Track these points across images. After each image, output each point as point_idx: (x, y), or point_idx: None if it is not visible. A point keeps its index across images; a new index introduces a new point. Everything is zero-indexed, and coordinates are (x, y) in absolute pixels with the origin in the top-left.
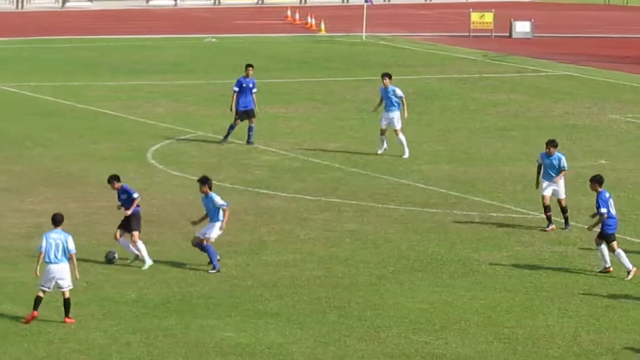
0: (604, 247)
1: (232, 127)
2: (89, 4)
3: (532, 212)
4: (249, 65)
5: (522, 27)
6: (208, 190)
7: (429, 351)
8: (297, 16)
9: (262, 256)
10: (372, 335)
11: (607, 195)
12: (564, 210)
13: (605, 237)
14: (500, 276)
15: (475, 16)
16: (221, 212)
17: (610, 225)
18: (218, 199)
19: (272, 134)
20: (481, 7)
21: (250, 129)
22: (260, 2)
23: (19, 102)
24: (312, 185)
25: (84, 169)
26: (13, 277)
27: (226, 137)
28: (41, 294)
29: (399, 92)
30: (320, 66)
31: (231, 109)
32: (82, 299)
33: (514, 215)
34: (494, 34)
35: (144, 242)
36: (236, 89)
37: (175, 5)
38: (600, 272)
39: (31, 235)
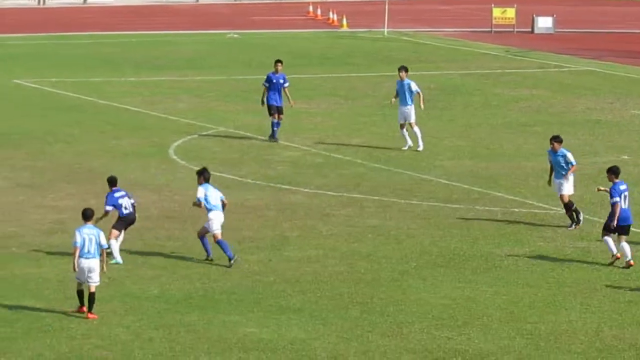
0: (608, 238)
1: (273, 124)
2: (110, 0)
3: (555, 208)
4: (278, 61)
5: (544, 23)
6: (202, 182)
7: (452, 347)
8: (318, 12)
9: (284, 252)
10: (394, 330)
11: (623, 187)
12: (568, 206)
13: (614, 227)
14: (523, 272)
15: (497, 12)
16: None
17: (623, 217)
18: (197, 193)
19: (294, 130)
20: (503, 3)
21: (276, 124)
22: None
23: (40, 98)
24: (334, 181)
25: (105, 165)
26: (35, 273)
27: (273, 135)
28: (81, 287)
29: (414, 86)
30: (342, 62)
31: (262, 103)
32: (104, 295)
33: (536, 211)
34: (516, 30)
35: (167, 238)
36: (266, 84)
37: (197, 1)
38: (610, 263)
39: (53, 232)
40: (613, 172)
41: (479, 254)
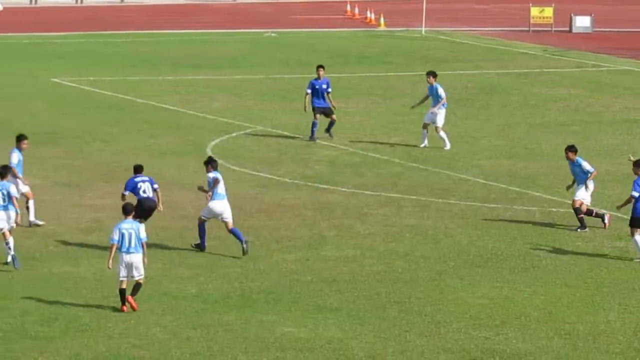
0: (637, 237)
1: (314, 124)
2: None
3: (592, 208)
4: (319, 67)
5: (582, 22)
6: (210, 170)
7: (489, 347)
8: (356, 11)
9: (321, 251)
10: (432, 330)
11: None
12: (578, 211)
13: (632, 220)
14: (561, 272)
15: (535, 11)
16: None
17: (637, 209)
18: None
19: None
20: (541, 2)
21: (330, 123)
22: None
23: (78, 96)
24: (371, 180)
25: (143, 163)
26: (73, 271)
27: (312, 135)
28: (123, 285)
29: (440, 91)
30: (379, 61)
31: (305, 110)
32: (142, 294)
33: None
34: (553, 29)
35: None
36: (308, 91)
37: (235, 0)
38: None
39: (91, 230)
40: (638, 165)
41: (516, 254)
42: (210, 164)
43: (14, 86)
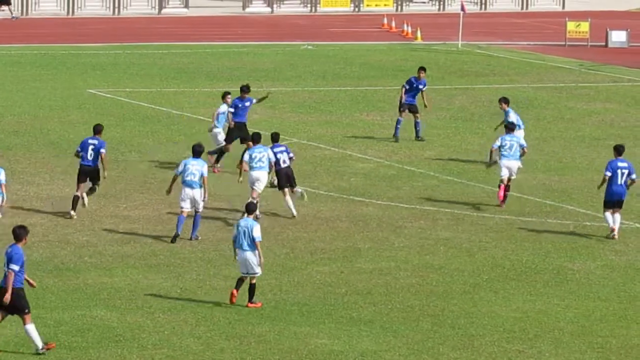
0: (606, 213)
1: (398, 122)
2: (185, 10)
3: (626, 222)
4: (421, 69)
5: (618, 37)
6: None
7: None
8: (393, 24)
9: (355, 264)
10: (465, 343)
11: (622, 164)
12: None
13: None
14: (595, 285)
15: (571, 25)
16: None
17: (613, 192)
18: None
19: (367, 142)
20: (577, 17)
21: (416, 124)
22: (356, 9)
23: (115, 107)
24: (406, 193)
25: None
26: (107, 282)
27: (395, 133)
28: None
29: (512, 116)
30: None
31: (400, 103)
32: (176, 305)
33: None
34: (589, 43)
35: None
36: (407, 86)
37: (272, 12)
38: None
39: (126, 241)
40: (615, 149)
41: (550, 267)
42: (192, 148)
43: (51, 97)
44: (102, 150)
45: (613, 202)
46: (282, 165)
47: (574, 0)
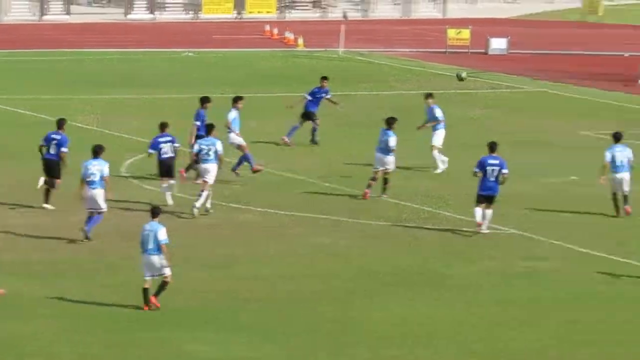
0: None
1: (295, 127)
2: (67, 17)
3: (503, 228)
4: (323, 78)
5: (498, 44)
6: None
7: None
8: (275, 31)
9: (234, 270)
10: (341, 349)
11: (493, 162)
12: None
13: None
14: (471, 290)
15: (452, 32)
16: None
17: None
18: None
19: (249, 149)
20: (458, 24)
21: (314, 129)
22: (239, 16)
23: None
24: (287, 200)
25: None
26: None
27: (288, 134)
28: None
29: (438, 112)
30: (300, 80)
31: (303, 112)
32: (54, 312)
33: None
34: (470, 51)
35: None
36: (309, 97)
37: (154, 18)
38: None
39: (5, 249)
40: (488, 146)
41: (427, 273)
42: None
43: None
44: (63, 149)
45: (484, 197)
46: (164, 157)
47: (455, 8)
